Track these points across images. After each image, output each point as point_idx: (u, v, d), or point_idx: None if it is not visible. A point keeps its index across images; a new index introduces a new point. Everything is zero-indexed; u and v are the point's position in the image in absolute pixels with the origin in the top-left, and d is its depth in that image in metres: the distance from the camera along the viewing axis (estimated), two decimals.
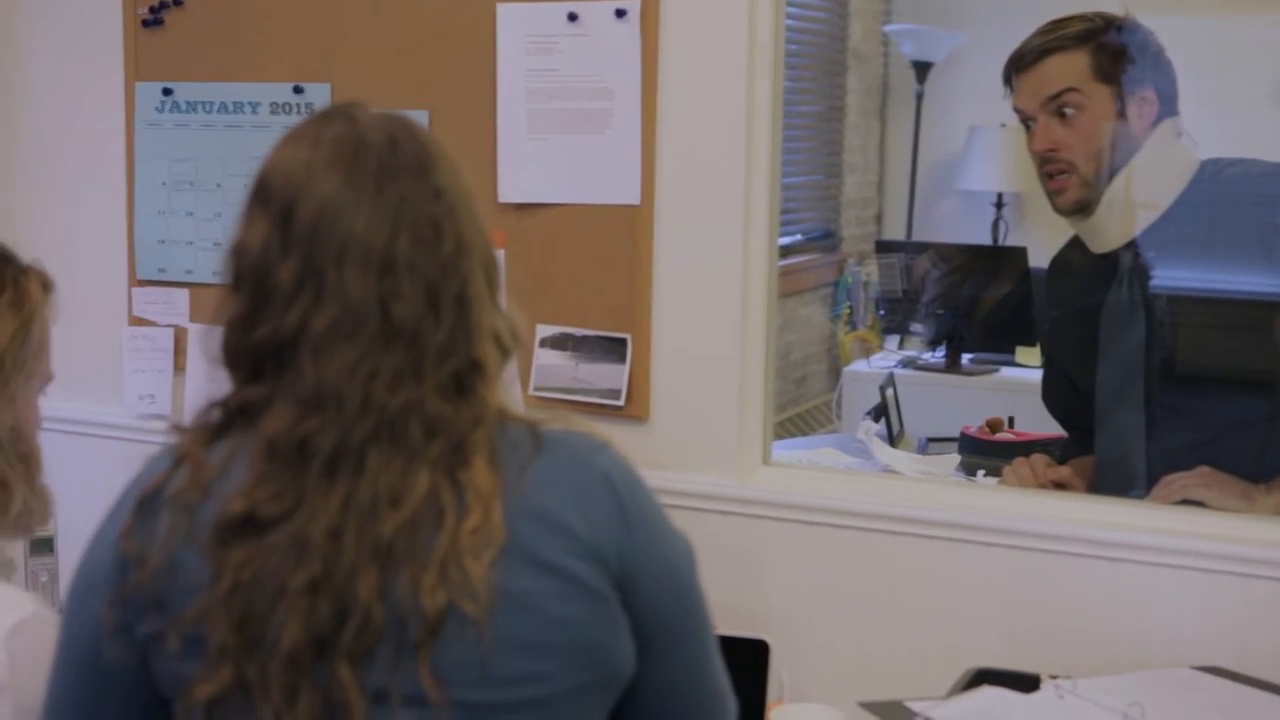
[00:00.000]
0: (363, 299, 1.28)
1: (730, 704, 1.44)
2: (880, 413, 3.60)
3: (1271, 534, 2.05)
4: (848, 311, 4.80)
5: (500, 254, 2.34)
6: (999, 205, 4.87)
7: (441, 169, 1.35)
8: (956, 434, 3.38)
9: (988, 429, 3.38)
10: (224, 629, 1.26)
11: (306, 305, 1.29)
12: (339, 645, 1.24)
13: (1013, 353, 4.30)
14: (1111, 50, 2.39)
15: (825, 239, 5.13)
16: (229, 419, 1.34)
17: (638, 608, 1.33)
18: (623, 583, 1.32)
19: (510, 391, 1.40)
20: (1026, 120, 2.44)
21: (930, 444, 3.50)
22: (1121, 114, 2.38)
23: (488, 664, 1.25)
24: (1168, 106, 2.41)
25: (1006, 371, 4.25)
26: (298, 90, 2.47)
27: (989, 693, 1.91)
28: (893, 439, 3.52)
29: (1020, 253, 4.18)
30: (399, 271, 1.29)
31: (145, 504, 1.33)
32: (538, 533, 1.28)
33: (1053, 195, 2.42)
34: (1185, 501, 2.27)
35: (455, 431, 1.29)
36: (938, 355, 4.39)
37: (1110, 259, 2.43)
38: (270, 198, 1.32)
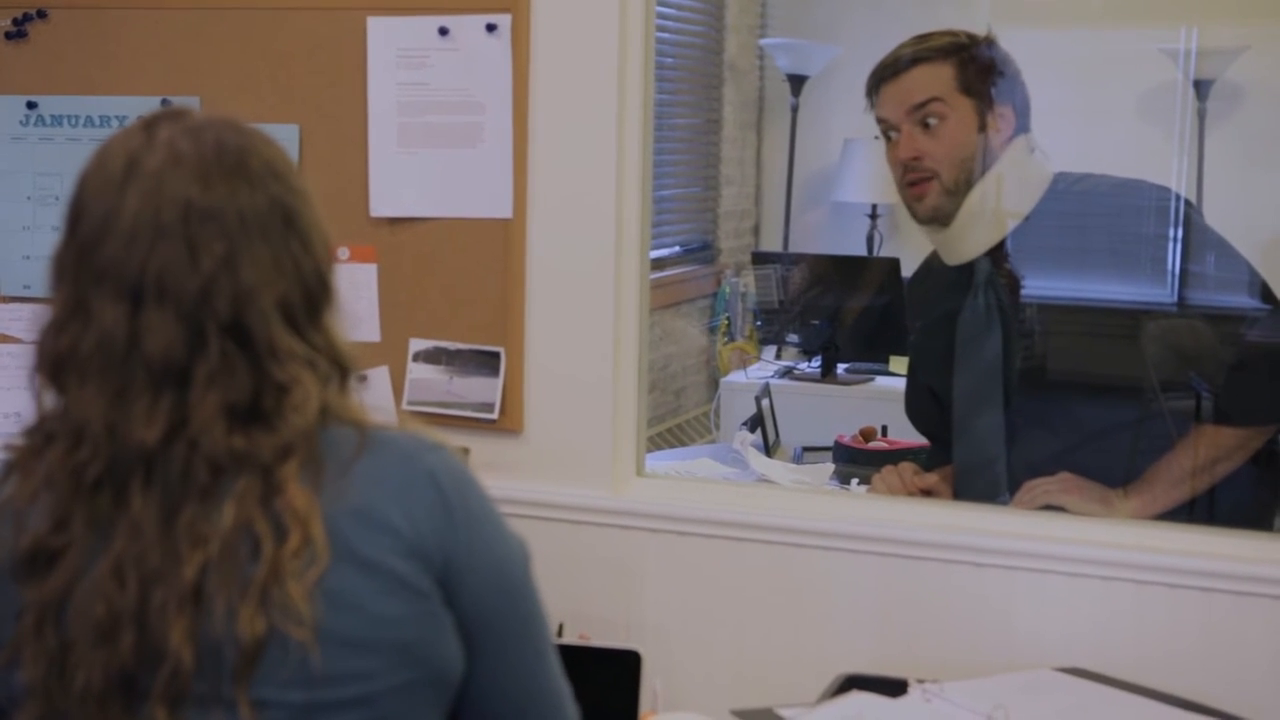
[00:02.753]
0: (113, 328, 1.26)
1: (568, 709, 1.44)
2: (756, 423, 3.63)
3: (1130, 537, 2.10)
4: (725, 323, 4.84)
5: (371, 270, 2.35)
6: (873, 217, 4.94)
7: (242, 185, 1.30)
8: (832, 443, 3.42)
9: (861, 438, 3.43)
10: (33, 666, 1.25)
11: (76, 330, 1.27)
12: (152, 690, 1.23)
13: (887, 362, 4.37)
14: (975, 64, 2.45)
15: (703, 251, 5.16)
16: (48, 438, 1.32)
17: (463, 606, 1.33)
18: (446, 580, 1.32)
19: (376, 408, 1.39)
20: (888, 131, 2.48)
21: (806, 453, 3.54)
22: (982, 128, 2.43)
23: (311, 665, 1.25)
24: (1022, 123, 2.47)
25: (881, 380, 4.32)
26: (165, 104, 2.44)
27: (857, 698, 1.94)
28: (769, 449, 3.55)
29: (893, 263, 4.25)
30: (148, 299, 1.26)
31: None
32: (359, 531, 1.28)
33: (912, 202, 2.46)
34: (1048, 507, 2.32)
35: (257, 464, 1.26)
36: (814, 365, 4.45)
37: (966, 270, 2.48)
38: (71, 211, 1.31)
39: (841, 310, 4.33)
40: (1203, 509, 2.40)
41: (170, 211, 1.27)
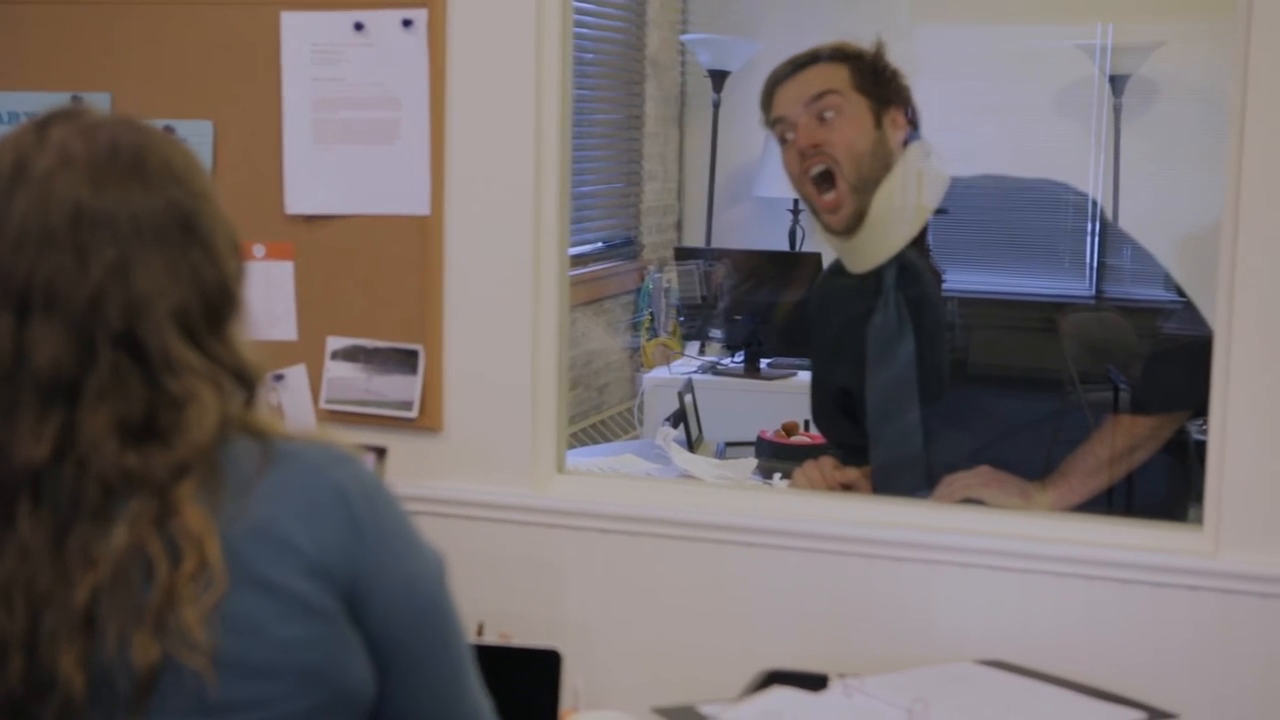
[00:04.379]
0: None
1: None
2: (679, 419, 3.63)
3: (1048, 530, 2.11)
4: (649, 318, 4.84)
5: (288, 267, 2.33)
6: (795, 212, 4.95)
7: (136, 188, 1.25)
8: (754, 438, 3.43)
9: (784, 433, 3.44)
10: None
11: None
12: (43, 718, 1.18)
13: (809, 356, 4.38)
14: (868, 67, 2.47)
15: (626, 246, 5.16)
16: None
17: (372, 626, 1.28)
18: (354, 600, 1.27)
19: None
20: (785, 133, 2.48)
21: (729, 448, 3.54)
22: (878, 125, 2.45)
23: (208, 692, 1.20)
24: (915, 130, 2.50)
25: (804, 375, 4.30)
26: (76, 100, 2.40)
27: (779, 694, 1.94)
28: (691, 444, 3.55)
29: (815, 259, 4.26)
30: (35, 310, 1.20)
31: None
32: (259, 551, 1.22)
33: (825, 214, 2.47)
34: (967, 500, 2.34)
35: (152, 485, 1.21)
36: (737, 360, 4.45)
37: (873, 278, 2.49)
38: None
39: (764, 305, 4.34)
40: (1120, 501, 2.42)
41: (58, 216, 1.22)
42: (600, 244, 5.00)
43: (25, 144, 1.26)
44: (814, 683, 1.96)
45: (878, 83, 2.46)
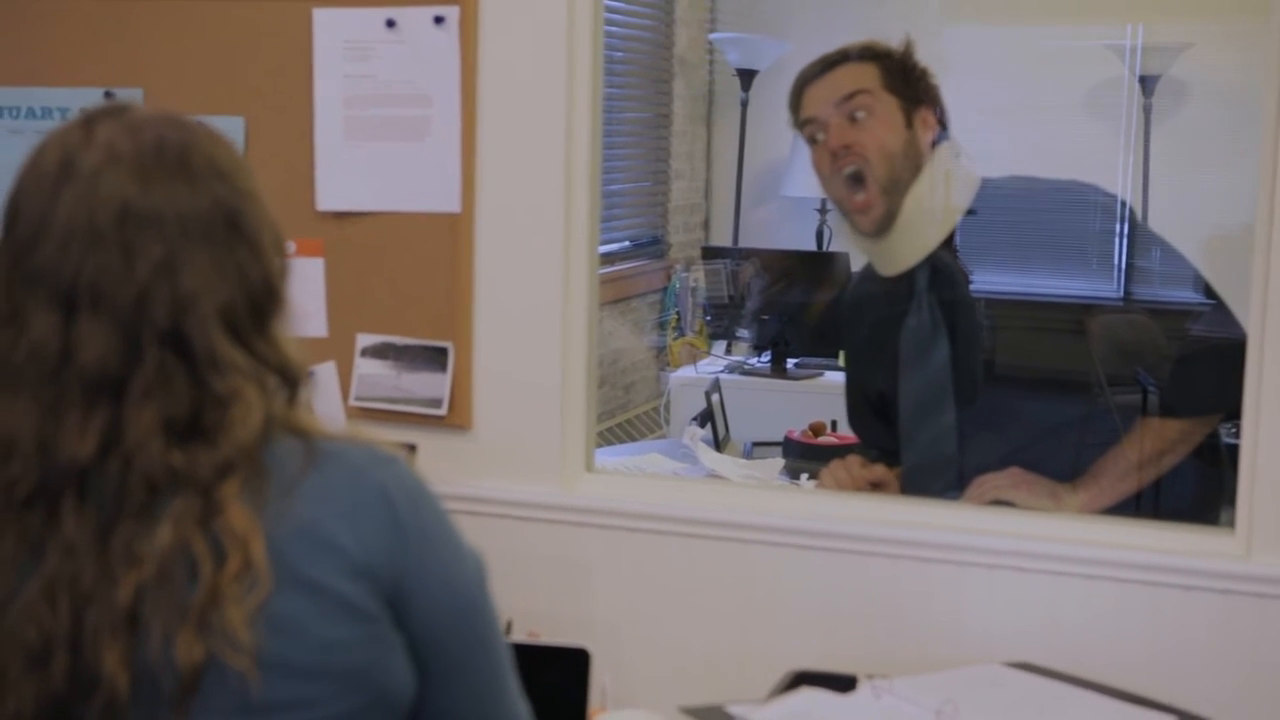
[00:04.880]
0: (45, 337, 1.21)
1: None
2: (706, 418, 3.63)
3: (1076, 532, 2.10)
4: (675, 318, 4.84)
5: (318, 264, 2.33)
6: (823, 211, 4.94)
7: (182, 186, 1.25)
8: (781, 438, 3.43)
9: (811, 433, 3.44)
10: None
11: (8, 340, 1.22)
12: (86, 718, 1.19)
13: (837, 356, 4.37)
14: (898, 66, 2.47)
15: (653, 245, 5.16)
16: None
17: (414, 628, 1.29)
18: (397, 602, 1.27)
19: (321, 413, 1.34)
20: (815, 133, 2.47)
21: (756, 448, 3.54)
22: (908, 125, 2.45)
23: (251, 692, 1.20)
24: (944, 130, 2.49)
25: (831, 375, 4.32)
26: (108, 95, 2.41)
27: (807, 694, 1.94)
28: (718, 444, 3.55)
29: (843, 258, 4.24)
30: (82, 307, 1.21)
31: None
32: (304, 552, 1.23)
33: (855, 215, 2.46)
34: (997, 502, 2.33)
35: (196, 483, 1.21)
36: (764, 360, 4.45)
37: (905, 281, 2.48)
38: (6, 212, 1.26)
39: (792, 305, 4.34)
40: (1149, 503, 2.41)
41: (105, 214, 1.22)
42: (627, 243, 5.01)
43: (72, 141, 1.26)
44: (842, 684, 1.96)
45: (908, 82, 2.46)
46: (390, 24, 2.27)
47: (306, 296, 2.32)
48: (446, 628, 1.31)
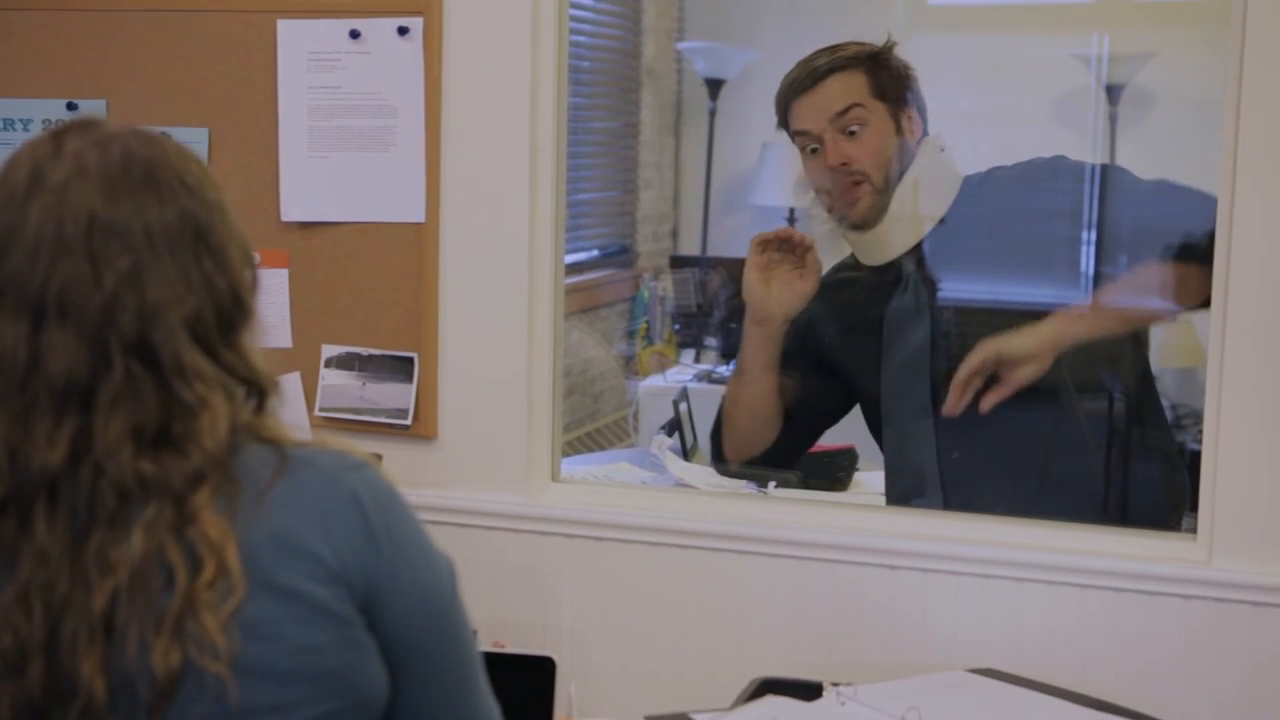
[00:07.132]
0: (13, 347, 1.22)
1: None
2: (674, 427, 3.62)
3: (1040, 539, 2.11)
4: (644, 326, 4.84)
5: (283, 275, 2.33)
6: (791, 220, 4.95)
7: (150, 199, 1.26)
8: None
9: None
10: None
11: None
12: None
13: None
14: (886, 70, 2.47)
15: (621, 254, 5.17)
16: None
17: (387, 631, 1.30)
18: (369, 605, 1.29)
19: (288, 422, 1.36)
20: (809, 145, 2.48)
21: None
22: (898, 130, 2.46)
23: (228, 698, 1.21)
24: (926, 126, 2.51)
25: None
26: (71, 107, 2.40)
27: (772, 702, 1.94)
28: (687, 453, 3.54)
29: None
30: (49, 317, 1.22)
31: None
32: (277, 558, 1.24)
33: (845, 209, 2.47)
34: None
35: (168, 491, 1.22)
36: (732, 368, 4.44)
37: (892, 269, 2.50)
38: None
39: None
40: (1113, 510, 2.42)
41: (73, 226, 1.23)
42: (596, 252, 5.01)
43: (41, 155, 1.27)
44: (808, 691, 1.96)
45: (894, 84, 2.47)
46: (354, 35, 2.27)
47: (271, 307, 2.32)
48: (418, 630, 1.32)
